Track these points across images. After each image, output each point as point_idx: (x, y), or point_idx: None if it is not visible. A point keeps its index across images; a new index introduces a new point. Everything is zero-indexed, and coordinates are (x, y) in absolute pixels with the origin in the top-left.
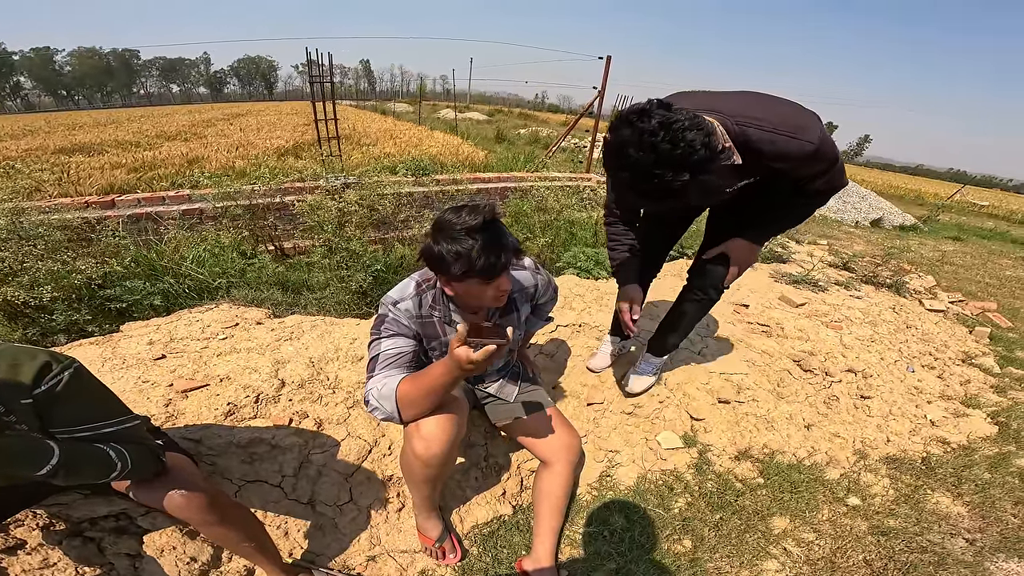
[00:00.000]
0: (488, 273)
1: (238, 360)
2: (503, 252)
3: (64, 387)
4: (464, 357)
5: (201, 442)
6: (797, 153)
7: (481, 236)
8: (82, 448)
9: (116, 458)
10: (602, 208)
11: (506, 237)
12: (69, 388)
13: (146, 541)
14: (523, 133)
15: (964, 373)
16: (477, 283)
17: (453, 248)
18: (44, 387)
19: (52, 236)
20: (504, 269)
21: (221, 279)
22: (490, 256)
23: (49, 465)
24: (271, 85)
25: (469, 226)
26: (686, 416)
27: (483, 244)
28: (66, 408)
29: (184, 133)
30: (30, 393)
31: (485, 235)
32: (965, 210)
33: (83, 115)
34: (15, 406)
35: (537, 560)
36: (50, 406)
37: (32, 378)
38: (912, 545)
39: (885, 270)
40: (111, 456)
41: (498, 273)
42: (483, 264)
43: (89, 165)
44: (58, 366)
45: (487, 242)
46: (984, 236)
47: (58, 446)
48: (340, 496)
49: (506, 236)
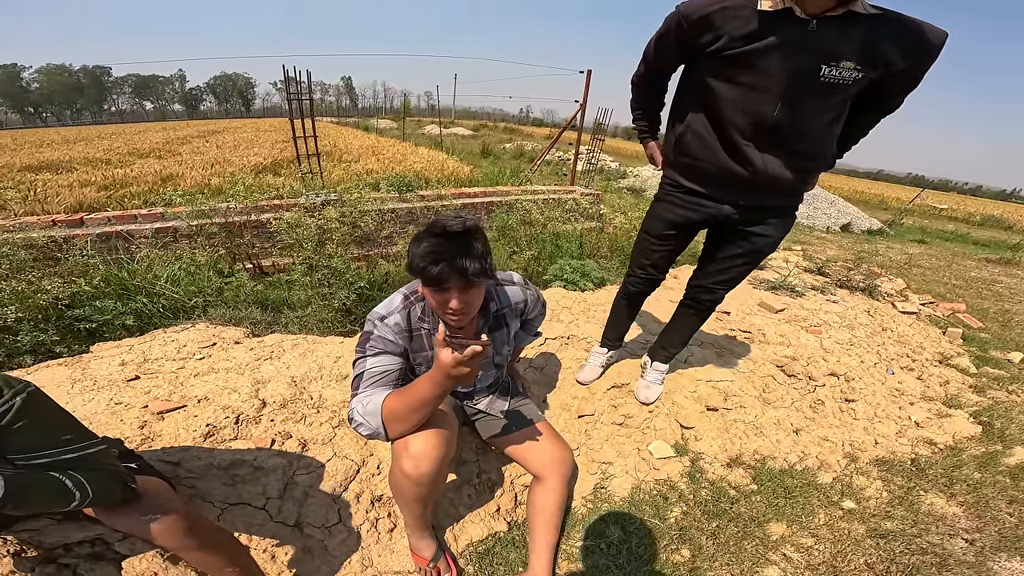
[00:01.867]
0: (423, 277)
1: (216, 380)
2: (444, 266)
3: (16, 413)
4: (449, 360)
5: (180, 465)
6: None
7: (432, 242)
8: (33, 478)
9: (73, 487)
10: (586, 220)
11: (462, 256)
12: (21, 414)
13: (125, 567)
14: (508, 147)
15: (942, 374)
16: (429, 291)
17: (413, 243)
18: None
19: (16, 255)
20: (442, 282)
21: (197, 298)
22: (426, 263)
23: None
24: (248, 102)
25: (433, 230)
26: (676, 425)
27: (428, 249)
28: (19, 435)
29: (158, 150)
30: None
31: (435, 243)
32: (926, 213)
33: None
34: None
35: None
36: (2, 433)
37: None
38: (912, 547)
39: (857, 274)
40: (67, 485)
41: (435, 284)
42: (418, 266)
43: (57, 183)
44: (9, 391)
45: (436, 249)
46: (946, 239)
47: (3, 478)
48: (328, 517)
49: (462, 255)
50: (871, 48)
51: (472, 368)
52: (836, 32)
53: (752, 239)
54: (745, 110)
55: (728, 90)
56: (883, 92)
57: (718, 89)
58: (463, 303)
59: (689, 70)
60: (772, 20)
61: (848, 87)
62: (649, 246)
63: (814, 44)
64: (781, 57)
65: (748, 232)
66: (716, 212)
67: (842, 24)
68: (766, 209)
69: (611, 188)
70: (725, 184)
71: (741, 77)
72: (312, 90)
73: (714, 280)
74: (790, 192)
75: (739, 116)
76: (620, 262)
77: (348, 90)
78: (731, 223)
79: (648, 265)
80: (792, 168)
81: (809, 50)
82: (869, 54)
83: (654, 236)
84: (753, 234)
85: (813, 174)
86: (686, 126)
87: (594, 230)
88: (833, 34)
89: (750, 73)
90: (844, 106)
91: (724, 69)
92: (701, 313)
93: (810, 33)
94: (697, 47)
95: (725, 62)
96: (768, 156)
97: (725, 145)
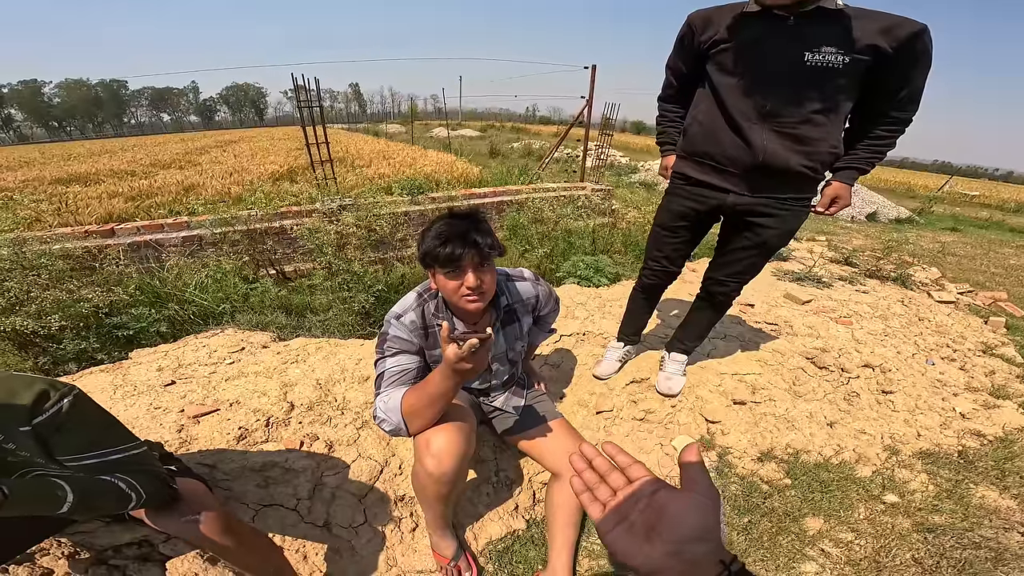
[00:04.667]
0: (438, 259)
1: (246, 384)
2: (457, 242)
3: (65, 415)
4: (452, 354)
5: (216, 467)
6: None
7: (442, 224)
8: (95, 484)
9: (128, 489)
10: (598, 216)
11: (472, 232)
12: (70, 416)
13: (169, 568)
14: (516, 146)
15: (987, 364)
16: (440, 272)
17: (423, 235)
18: (44, 415)
19: (55, 265)
20: (457, 260)
21: (224, 304)
22: (441, 243)
23: (67, 505)
24: (261, 111)
25: (440, 216)
26: (701, 419)
27: (439, 230)
28: (70, 436)
29: (178, 161)
30: (29, 421)
31: (445, 224)
32: (957, 201)
33: (76, 146)
34: (14, 434)
35: (554, 575)
36: (52, 434)
37: (30, 406)
38: (963, 541)
39: (888, 263)
40: (122, 488)
41: (451, 263)
42: (432, 249)
43: (86, 195)
44: (56, 394)
45: (446, 229)
46: (981, 226)
47: (70, 486)
48: (355, 518)
49: (472, 232)
50: (847, 33)
51: (475, 362)
52: (814, 25)
53: (757, 230)
54: (744, 95)
55: (728, 79)
56: (884, 86)
57: (719, 79)
58: (478, 279)
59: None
60: (756, 19)
61: (838, 71)
62: (661, 238)
63: (794, 35)
64: (768, 48)
65: (753, 223)
66: (720, 202)
67: (819, 18)
68: (771, 200)
69: (622, 183)
70: (727, 170)
71: (737, 67)
72: (322, 97)
73: (724, 272)
74: (797, 183)
75: (740, 101)
76: (635, 257)
77: (356, 96)
78: (737, 214)
79: (661, 257)
80: (792, 151)
81: (791, 40)
82: (848, 38)
83: (664, 228)
84: (758, 225)
85: (816, 162)
86: (692, 118)
87: (606, 226)
88: (811, 27)
89: (743, 63)
90: (841, 94)
91: (723, 62)
92: (716, 307)
93: (790, 27)
94: (702, 43)
95: (723, 55)
96: (767, 136)
97: (729, 127)
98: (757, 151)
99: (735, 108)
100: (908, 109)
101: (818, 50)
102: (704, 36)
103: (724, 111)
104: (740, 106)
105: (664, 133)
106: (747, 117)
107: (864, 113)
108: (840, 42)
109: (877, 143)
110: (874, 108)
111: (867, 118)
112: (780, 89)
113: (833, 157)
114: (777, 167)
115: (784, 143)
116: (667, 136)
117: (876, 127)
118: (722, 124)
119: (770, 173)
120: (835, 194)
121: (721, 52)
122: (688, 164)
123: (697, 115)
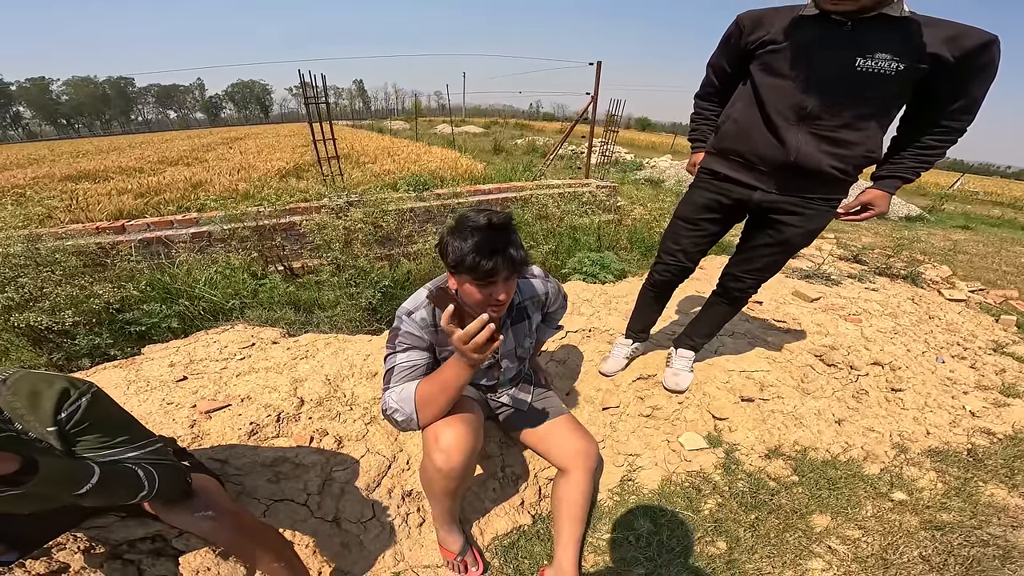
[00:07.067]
0: (474, 272)
1: (257, 380)
2: (498, 258)
3: (83, 412)
4: (457, 337)
5: (227, 462)
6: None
7: (480, 235)
8: (115, 468)
9: (144, 478)
10: (603, 213)
11: (509, 246)
12: (89, 413)
13: (182, 563)
14: (520, 143)
15: (998, 362)
16: (469, 281)
17: (455, 240)
18: (65, 413)
19: (68, 261)
20: (493, 275)
21: (234, 300)
22: (480, 257)
23: (88, 484)
24: (267, 108)
25: (476, 224)
26: (708, 416)
27: (478, 243)
28: (89, 432)
29: (186, 158)
30: (53, 419)
31: (484, 236)
32: (969, 199)
33: (84, 143)
34: (41, 433)
35: (560, 570)
36: (73, 431)
37: (53, 405)
38: (971, 539)
39: (898, 261)
40: (140, 476)
41: (487, 277)
42: (471, 262)
43: (96, 191)
44: (75, 392)
45: (483, 242)
46: (993, 224)
47: (96, 464)
48: (363, 513)
49: (509, 246)
50: (907, 40)
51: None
52: (872, 31)
53: (781, 228)
54: (786, 96)
55: (772, 80)
56: (938, 95)
57: (762, 79)
58: (508, 294)
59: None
60: (812, 21)
61: (890, 78)
62: (680, 230)
63: (850, 41)
64: (819, 51)
65: (778, 221)
66: (746, 198)
67: (879, 25)
68: (799, 199)
69: (628, 180)
70: (757, 168)
71: (785, 69)
72: (327, 93)
73: (742, 269)
74: (826, 184)
75: (780, 101)
76: (641, 254)
77: (360, 93)
78: (762, 211)
79: (678, 251)
80: (825, 153)
81: (845, 45)
82: (906, 46)
83: (686, 221)
84: (783, 223)
85: (849, 165)
86: (727, 115)
87: (611, 222)
88: (869, 33)
89: (792, 65)
90: (889, 101)
91: (770, 62)
92: (731, 303)
93: (846, 32)
94: (750, 43)
95: (771, 56)
96: (803, 138)
97: (765, 126)
98: (790, 151)
99: (773, 108)
100: (963, 119)
101: (871, 56)
102: (753, 36)
103: (762, 111)
104: (779, 106)
105: (697, 130)
106: (785, 118)
107: (915, 120)
108: (897, 49)
109: (925, 152)
110: (925, 116)
111: (917, 126)
112: (824, 93)
113: (868, 161)
114: (808, 168)
115: (819, 145)
116: (700, 133)
117: (925, 135)
118: (758, 123)
119: (800, 173)
120: (869, 200)
121: (769, 53)
122: (717, 160)
123: (732, 113)
